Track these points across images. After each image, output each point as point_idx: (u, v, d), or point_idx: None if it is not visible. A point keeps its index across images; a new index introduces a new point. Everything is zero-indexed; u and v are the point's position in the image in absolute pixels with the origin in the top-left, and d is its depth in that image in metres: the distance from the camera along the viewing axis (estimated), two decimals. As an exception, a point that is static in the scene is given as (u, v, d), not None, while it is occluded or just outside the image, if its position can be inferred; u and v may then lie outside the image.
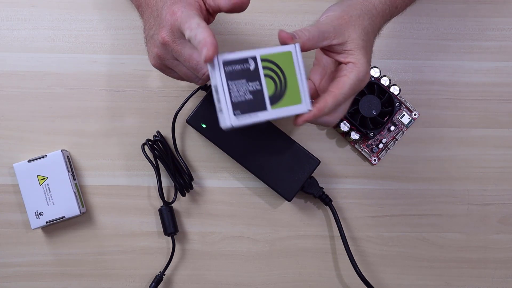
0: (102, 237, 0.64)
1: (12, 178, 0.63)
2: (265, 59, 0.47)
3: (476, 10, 0.66)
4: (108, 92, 0.64)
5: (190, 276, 0.64)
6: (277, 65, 0.47)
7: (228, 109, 0.45)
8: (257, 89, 0.46)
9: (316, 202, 0.64)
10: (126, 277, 0.63)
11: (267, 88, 0.47)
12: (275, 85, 0.47)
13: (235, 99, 0.45)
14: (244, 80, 0.46)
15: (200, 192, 0.64)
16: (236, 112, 0.45)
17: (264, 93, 0.47)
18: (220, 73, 0.45)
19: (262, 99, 0.47)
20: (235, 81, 0.45)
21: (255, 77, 0.46)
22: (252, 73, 0.46)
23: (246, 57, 0.46)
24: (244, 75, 0.46)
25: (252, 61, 0.46)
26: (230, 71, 0.45)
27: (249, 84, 0.46)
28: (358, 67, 0.50)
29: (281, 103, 0.48)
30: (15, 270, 0.63)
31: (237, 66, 0.46)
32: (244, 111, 0.46)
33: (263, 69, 0.47)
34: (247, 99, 0.46)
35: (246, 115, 0.46)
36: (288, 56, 0.48)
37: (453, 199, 0.64)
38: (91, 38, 0.64)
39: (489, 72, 0.65)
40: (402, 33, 0.65)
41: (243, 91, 0.46)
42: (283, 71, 0.48)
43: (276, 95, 0.47)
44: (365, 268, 0.64)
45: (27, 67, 0.64)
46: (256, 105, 0.46)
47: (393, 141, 0.64)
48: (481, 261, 0.64)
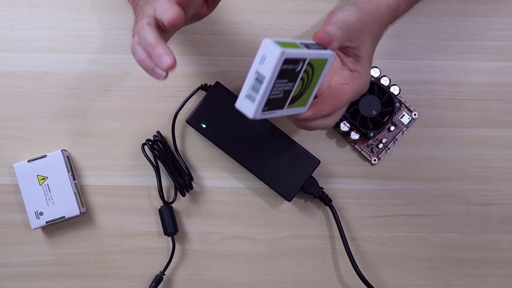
0: (102, 237, 0.64)
1: (12, 178, 0.63)
2: (312, 62, 0.46)
3: (476, 10, 0.66)
4: (108, 92, 0.64)
5: (190, 276, 0.64)
6: (313, 69, 0.47)
7: (261, 104, 0.43)
8: (290, 89, 0.46)
9: (316, 202, 0.64)
10: (126, 277, 0.63)
11: (295, 89, 0.46)
12: (301, 87, 0.47)
13: (271, 96, 0.44)
14: (287, 80, 0.45)
15: (200, 192, 0.64)
16: (265, 108, 0.44)
17: (291, 94, 0.46)
18: (276, 68, 0.42)
19: (286, 99, 0.46)
20: (282, 80, 0.44)
21: (294, 79, 0.45)
22: (295, 74, 0.45)
23: (301, 58, 0.44)
24: (289, 75, 0.44)
25: (301, 63, 0.45)
26: (283, 70, 0.43)
27: (287, 84, 0.45)
28: (363, 78, 0.50)
29: (295, 104, 0.48)
30: (15, 270, 0.63)
31: (290, 66, 0.44)
32: (270, 108, 0.45)
33: (304, 72, 0.46)
34: (278, 97, 0.45)
35: (268, 112, 0.45)
36: (324, 62, 0.47)
37: (453, 199, 0.64)
38: (91, 38, 0.64)
39: (489, 72, 0.65)
40: (402, 33, 0.65)
41: (280, 89, 0.45)
42: (313, 76, 0.47)
43: (296, 96, 0.47)
44: (365, 268, 0.64)
45: (27, 67, 0.64)
46: (279, 104, 0.46)
47: (393, 141, 0.64)
48: (481, 261, 0.64)
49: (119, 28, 0.64)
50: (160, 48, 0.44)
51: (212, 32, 0.64)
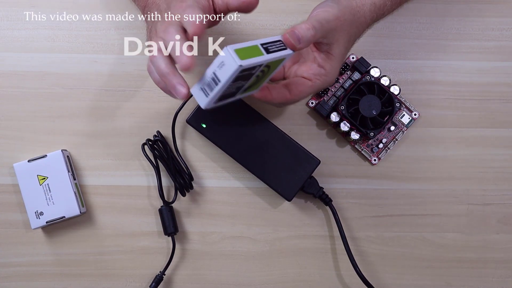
0: (102, 237, 0.64)
1: (12, 178, 0.63)
2: (267, 65, 0.48)
3: (476, 10, 0.66)
4: (108, 92, 0.64)
5: (190, 276, 0.64)
6: (269, 68, 0.49)
7: (213, 99, 0.47)
8: (242, 85, 0.49)
9: (316, 202, 0.64)
10: (126, 277, 0.63)
11: (249, 83, 0.49)
12: (256, 82, 0.50)
13: (224, 93, 0.47)
14: (240, 81, 0.47)
15: (200, 192, 0.64)
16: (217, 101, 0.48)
17: (244, 87, 0.49)
18: (231, 77, 0.45)
19: (238, 91, 0.50)
20: (236, 82, 0.47)
21: (249, 77, 0.48)
22: (250, 75, 0.47)
23: (257, 64, 0.46)
24: (244, 77, 0.47)
25: (258, 67, 0.47)
26: (239, 76, 0.46)
27: (241, 82, 0.48)
28: (327, 77, 0.51)
29: (246, 91, 0.51)
30: (15, 270, 0.63)
31: (246, 72, 0.46)
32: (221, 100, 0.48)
33: (259, 72, 0.48)
34: (230, 92, 0.48)
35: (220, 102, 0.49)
36: (281, 60, 0.50)
37: (453, 199, 0.64)
38: (91, 38, 0.64)
39: (489, 72, 0.65)
40: (402, 33, 0.65)
41: (233, 88, 0.48)
42: (269, 71, 0.50)
43: (249, 87, 0.50)
44: (365, 268, 0.64)
45: (27, 67, 0.64)
46: (231, 95, 0.49)
47: (393, 141, 0.64)
48: (481, 261, 0.64)
49: (119, 28, 0.64)
50: (173, 78, 0.47)
51: (212, 32, 0.64)
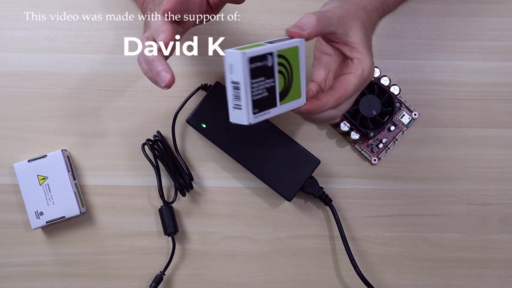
0: (102, 237, 0.64)
1: (12, 178, 0.63)
2: (280, 55, 0.46)
3: (476, 10, 0.66)
4: (108, 92, 0.64)
5: (190, 276, 0.64)
6: (287, 60, 0.47)
7: (249, 108, 0.44)
8: (272, 85, 0.46)
9: (316, 202, 0.64)
10: (126, 277, 0.63)
11: (279, 84, 0.47)
12: (285, 81, 0.47)
13: (255, 98, 0.45)
14: (263, 78, 0.45)
15: (200, 192, 0.64)
16: (255, 110, 0.45)
17: (276, 90, 0.47)
18: (245, 70, 0.44)
19: (274, 96, 0.47)
20: (257, 78, 0.45)
21: (271, 74, 0.46)
22: (269, 69, 0.46)
23: (266, 53, 0.45)
24: (263, 72, 0.45)
25: (270, 58, 0.46)
26: (253, 68, 0.44)
27: (266, 81, 0.46)
28: (364, 63, 0.49)
29: (287, 98, 0.48)
30: (15, 270, 0.63)
31: (258, 63, 0.45)
32: (260, 109, 0.45)
33: (277, 65, 0.46)
34: (263, 96, 0.46)
35: (262, 113, 0.45)
36: (296, 51, 0.48)
37: (453, 199, 0.64)
38: (91, 38, 0.64)
39: (489, 72, 0.65)
40: (402, 33, 0.65)
41: (261, 88, 0.45)
42: (291, 66, 0.48)
43: (284, 91, 0.47)
44: (365, 268, 0.64)
45: (27, 67, 0.64)
46: (269, 102, 0.46)
47: (393, 141, 0.64)
48: (481, 261, 0.64)
49: (119, 28, 0.64)
50: (158, 65, 0.47)
51: (212, 32, 0.64)
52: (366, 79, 0.50)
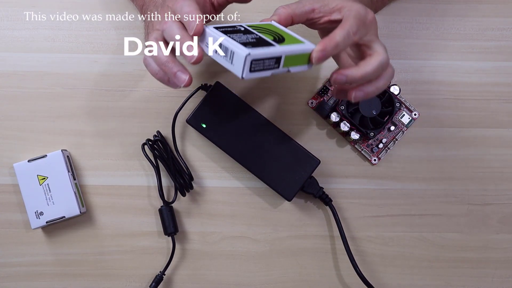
0: (102, 237, 0.64)
1: (12, 178, 0.63)
2: (252, 26, 0.48)
3: (476, 10, 0.66)
4: (108, 92, 0.64)
5: (190, 276, 0.64)
6: (265, 28, 0.48)
7: (239, 46, 0.43)
8: (257, 37, 0.46)
9: (316, 202, 0.64)
10: (126, 277, 0.63)
11: (266, 37, 0.47)
12: (273, 36, 0.47)
13: (241, 41, 0.44)
14: (241, 34, 0.46)
15: (200, 192, 0.64)
16: (248, 46, 0.44)
17: (265, 38, 0.46)
18: (215, 32, 0.45)
19: (266, 41, 0.46)
20: (233, 34, 0.45)
21: (249, 33, 0.47)
22: (244, 31, 0.47)
23: (233, 24, 0.47)
24: (238, 32, 0.46)
25: (240, 27, 0.47)
26: (224, 31, 0.45)
27: (247, 35, 0.46)
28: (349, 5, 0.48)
29: (286, 43, 0.46)
30: (15, 270, 0.63)
31: (228, 28, 0.46)
32: (254, 46, 0.44)
33: (254, 29, 0.47)
34: (251, 41, 0.45)
35: (259, 49, 0.44)
36: (270, 25, 0.49)
37: (453, 199, 0.64)
38: (91, 38, 0.64)
39: (489, 72, 0.65)
40: (402, 33, 0.65)
41: (244, 38, 0.45)
42: (274, 30, 0.48)
43: (276, 40, 0.47)
44: (365, 268, 0.64)
45: (27, 67, 0.64)
46: (262, 43, 0.45)
47: (393, 141, 0.64)
48: (481, 261, 0.64)
49: (119, 28, 0.64)
50: (173, 66, 0.47)
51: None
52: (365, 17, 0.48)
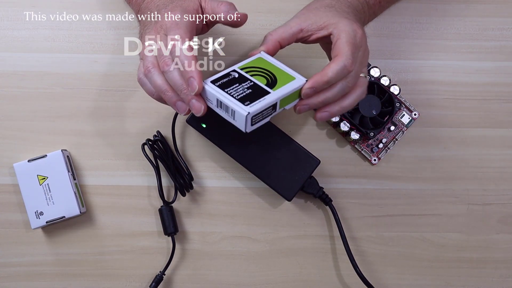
0: (102, 237, 0.64)
1: (12, 178, 0.63)
2: (243, 68, 0.50)
3: (476, 10, 0.66)
4: (108, 92, 0.64)
5: (190, 276, 0.64)
6: (257, 67, 0.50)
7: (238, 105, 0.47)
8: (251, 84, 0.49)
9: (316, 202, 0.64)
10: (126, 277, 0.63)
11: (259, 81, 0.49)
12: (265, 78, 0.50)
13: (238, 97, 0.47)
14: (236, 84, 0.48)
15: (200, 192, 0.64)
16: (246, 103, 0.47)
17: (259, 84, 0.49)
18: (214, 89, 0.48)
19: (261, 88, 0.49)
20: (229, 88, 0.48)
21: (244, 80, 0.49)
22: (239, 79, 0.49)
23: (227, 72, 0.49)
24: (233, 82, 0.49)
25: (234, 72, 0.50)
26: (220, 85, 0.48)
27: (242, 85, 0.49)
28: (342, 26, 0.49)
29: (278, 85, 0.49)
30: (15, 270, 0.63)
31: (224, 80, 0.49)
32: (252, 100, 0.47)
33: (247, 73, 0.50)
34: (247, 93, 0.48)
35: (256, 102, 0.47)
36: (261, 60, 0.51)
37: (453, 199, 0.64)
38: (91, 38, 0.64)
39: (489, 72, 0.65)
40: (402, 33, 0.65)
41: (240, 90, 0.48)
42: (265, 68, 0.50)
43: (270, 83, 0.49)
44: (365, 268, 0.64)
45: (27, 67, 0.64)
46: (258, 94, 0.48)
47: (393, 141, 0.64)
48: (481, 261, 0.64)
49: (119, 28, 0.64)
50: (172, 95, 0.49)
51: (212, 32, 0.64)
52: (355, 38, 0.49)
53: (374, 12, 0.60)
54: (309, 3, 0.55)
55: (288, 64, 0.51)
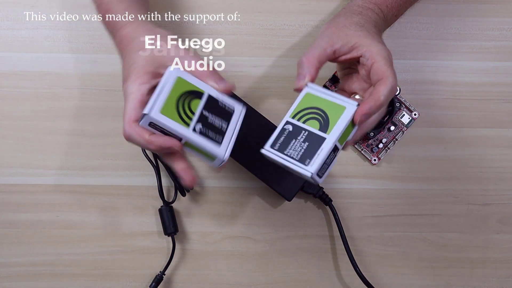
0: (102, 237, 0.64)
1: (12, 178, 0.63)
2: (295, 114, 0.48)
3: (476, 10, 0.66)
4: (108, 92, 0.64)
5: (190, 276, 0.64)
6: (307, 108, 0.49)
7: (301, 166, 0.46)
8: (306, 135, 0.47)
9: (316, 202, 0.64)
10: (126, 277, 0.63)
11: (313, 127, 0.48)
12: (318, 121, 0.48)
13: (298, 157, 0.47)
14: (293, 141, 0.47)
15: (200, 192, 0.64)
16: (306, 161, 0.46)
17: (314, 132, 0.47)
18: (274, 154, 0.47)
19: (316, 136, 0.47)
20: (287, 148, 0.47)
21: (298, 131, 0.48)
22: (293, 132, 0.48)
23: (281, 127, 0.48)
24: (290, 139, 0.48)
25: (288, 125, 0.48)
26: (278, 148, 0.47)
27: (298, 139, 0.47)
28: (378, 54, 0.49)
29: (331, 123, 0.48)
30: (15, 270, 0.63)
31: (281, 139, 0.48)
32: (311, 155, 0.46)
33: (299, 121, 0.48)
34: (305, 148, 0.47)
35: (315, 157, 0.46)
36: (309, 96, 0.49)
37: (453, 199, 0.64)
38: (91, 38, 0.64)
39: (489, 72, 0.65)
40: (402, 33, 0.65)
41: (298, 147, 0.47)
42: (315, 107, 0.49)
43: (323, 125, 0.48)
44: (365, 268, 0.64)
45: (27, 67, 0.64)
46: (315, 144, 0.47)
47: (393, 141, 0.64)
48: (481, 261, 0.64)
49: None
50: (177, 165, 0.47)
51: (212, 32, 0.64)
52: (391, 61, 0.49)
53: (388, 25, 0.60)
54: (336, 18, 0.53)
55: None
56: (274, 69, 0.65)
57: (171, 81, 0.46)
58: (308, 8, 0.65)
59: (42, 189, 0.63)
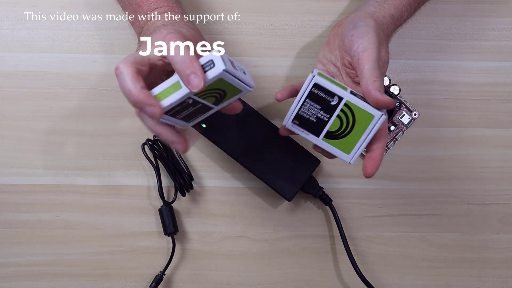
0: (102, 237, 0.64)
1: (12, 178, 0.63)
2: (348, 105, 0.48)
3: (476, 10, 0.66)
4: (108, 92, 0.64)
5: (190, 276, 0.64)
6: (354, 116, 0.49)
7: (291, 116, 0.50)
8: (323, 119, 0.49)
9: (316, 202, 0.64)
10: (126, 277, 0.63)
11: (331, 125, 0.49)
12: (339, 127, 0.49)
13: (301, 112, 0.49)
14: (319, 107, 0.49)
15: (200, 192, 0.64)
16: (294, 121, 0.50)
17: (326, 126, 0.50)
18: (307, 87, 0.48)
19: (321, 129, 0.50)
20: (312, 102, 0.49)
21: (329, 111, 0.49)
22: (329, 107, 0.49)
23: (334, 93, 0.48)
24: (322, 104, 0.49)
25: (336, 99, 0.48)
26: (313, 93, 0.48)
27: (320, 112, 0.49)
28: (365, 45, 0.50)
29: (334, 143, 0.50)
30: (15, 270, 0.63)
31: (322, 94, 0.48)
32: (300, 125, 0.50)
33: (340, 110, 0.49)
34: (309, 119, 0.50)
35: (299, 128, 0.51)
36: (370, 117, 0.48)
37: (453, 199, 0.64)
38: (91, 38, 0.64)
39: (489, 72, 0.65)
40: (402, 33, 0.65)
41: (312, 112, 0.49)
42: (354, 124, 0.49)
43: (333, 134, 0.50)
44: (365, 268, 0.64)
45: (27, 67, 0.64)
46: (312, 128, 0.50)
47: (393, 141, 0.64)
48: (481, 261, 0.64)
49: (119, 28, 0.64)
50: (168, 136, 0.46)
51: (212, 32, 0.64)
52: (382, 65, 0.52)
53: (396, 30, 0.60)
54: None
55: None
56: (274, 69, 0.65)
57: None
58: (308, 8, 0.65)
59: (41, 189, 0.63)
